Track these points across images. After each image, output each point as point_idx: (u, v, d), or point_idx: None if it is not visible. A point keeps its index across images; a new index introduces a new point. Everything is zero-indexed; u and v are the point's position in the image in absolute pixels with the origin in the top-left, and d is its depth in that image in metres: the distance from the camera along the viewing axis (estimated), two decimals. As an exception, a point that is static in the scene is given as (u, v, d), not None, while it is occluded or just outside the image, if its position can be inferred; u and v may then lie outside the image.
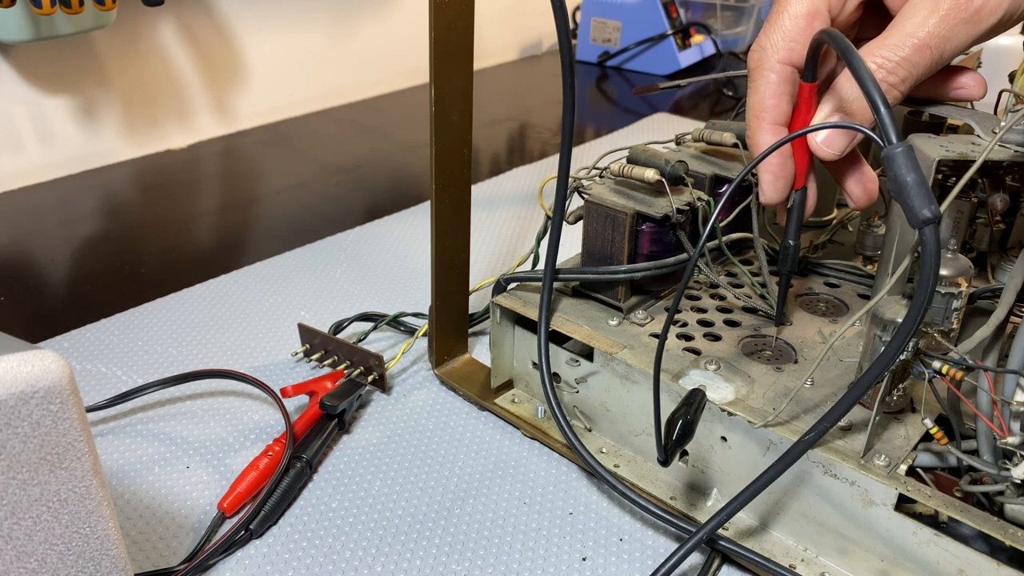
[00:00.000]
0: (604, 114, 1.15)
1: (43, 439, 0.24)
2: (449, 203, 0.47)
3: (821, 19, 0.38)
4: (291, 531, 0.41)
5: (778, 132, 0.39)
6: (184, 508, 0.43)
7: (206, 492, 0.44)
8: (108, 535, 0.27)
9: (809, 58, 0.37)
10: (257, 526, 0.41)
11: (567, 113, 0.41)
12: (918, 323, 0.29)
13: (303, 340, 0.55)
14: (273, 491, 0.42)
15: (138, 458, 0.46)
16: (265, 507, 0.41)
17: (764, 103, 0.39)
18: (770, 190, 0.41)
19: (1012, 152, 0.38)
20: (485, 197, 0.82)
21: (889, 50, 0.36)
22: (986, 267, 0.50)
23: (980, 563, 0.34)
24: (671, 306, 0.39)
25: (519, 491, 0.45)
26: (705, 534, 0.36)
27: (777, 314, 0.45)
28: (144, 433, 0.48)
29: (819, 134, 0.38)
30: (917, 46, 0.35)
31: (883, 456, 0.36)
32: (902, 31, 0.36)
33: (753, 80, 0.40)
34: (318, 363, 0.54)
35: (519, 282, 0.49)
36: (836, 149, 0.38)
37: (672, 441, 0.36)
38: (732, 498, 0.36)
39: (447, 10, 0.42)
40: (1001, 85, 0.49)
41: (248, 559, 0.40)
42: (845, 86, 0.38)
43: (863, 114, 0.37)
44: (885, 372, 0.32)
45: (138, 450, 0.47)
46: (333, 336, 0.54)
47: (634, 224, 0.46)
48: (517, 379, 0.51)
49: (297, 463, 0.44)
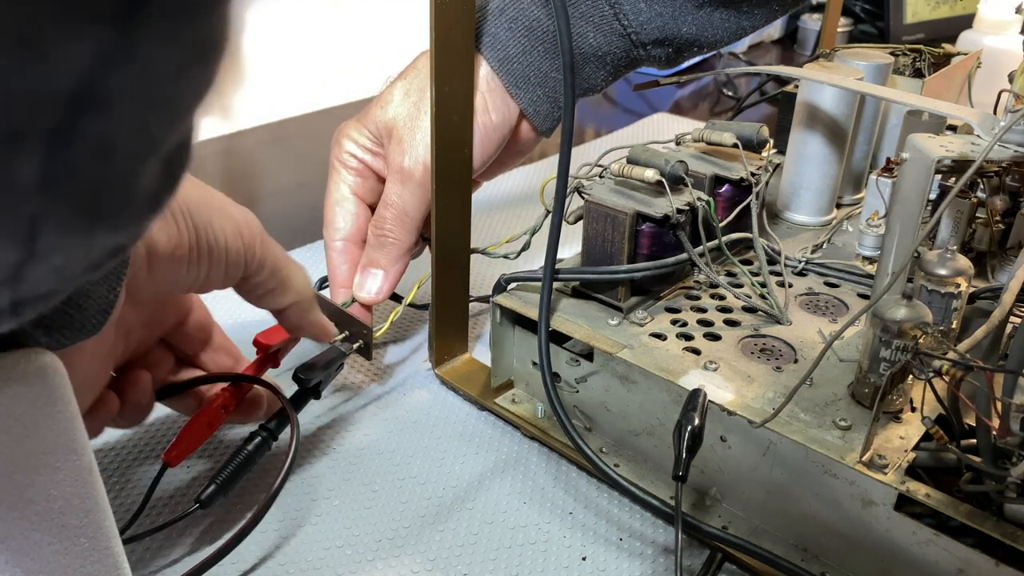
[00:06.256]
0: (604, 114, 1.15)
1: (38, 440, 0.24)
2: (449, 203, 0.47)
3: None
4: (290, 530, 0.41)
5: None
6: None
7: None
8: (106, 534, 0.27)
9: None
10: (207, 499, 0.39)
11: (567, 113, 0.41)
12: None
13: None
14: (229, 462, 0.41)
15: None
16: (218, 479, 0.40)
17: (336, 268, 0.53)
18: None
19: (1012, 152, 0.38)
20: (485, 197, 0.81)
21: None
22: (986, 267, 0.50)
23: (979, 563, 0.34)
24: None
25: (519, 490, 0.44)
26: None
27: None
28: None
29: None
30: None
31: (883, 456, 0.36)
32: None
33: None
34: None
35: (519, 282, 0.49)
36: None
37: (683, 452, 0.36)
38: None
39: (448, 11, 0.42)
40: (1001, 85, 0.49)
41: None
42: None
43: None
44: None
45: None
46: (317, 292, 0.51)
47: (634, 224, 0.46)
48: (517, 379, 0.51)
49: (259, 435, 0.42)
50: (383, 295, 0.52)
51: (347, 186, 0.53)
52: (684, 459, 0.36)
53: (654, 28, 0.52)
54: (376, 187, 0.53)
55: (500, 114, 0.51)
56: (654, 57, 0.54)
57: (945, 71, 0.65)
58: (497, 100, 0.51)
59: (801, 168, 0.58)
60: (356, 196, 0.53)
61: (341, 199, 0.53)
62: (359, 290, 0.52)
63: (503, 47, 0.51)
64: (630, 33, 0.52)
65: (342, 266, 0.52)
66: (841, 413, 0.39)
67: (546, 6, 0.50)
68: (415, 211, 0.50)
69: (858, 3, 1.38)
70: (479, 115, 0.50)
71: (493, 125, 0.51)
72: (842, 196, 0.63)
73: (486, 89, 0.51)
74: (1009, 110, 0.42)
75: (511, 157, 0.56)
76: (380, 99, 0.52)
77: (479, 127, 0.50)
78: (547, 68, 0.52)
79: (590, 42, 0.52)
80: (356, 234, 0.53)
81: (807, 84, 0.56)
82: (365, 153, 0.52)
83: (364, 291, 0.52)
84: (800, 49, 1.37)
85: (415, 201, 0.50)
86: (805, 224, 0.59)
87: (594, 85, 0.55)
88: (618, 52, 0.53)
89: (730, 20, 0.54)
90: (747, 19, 0.55)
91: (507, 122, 0.52)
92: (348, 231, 0.52)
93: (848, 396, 0.40)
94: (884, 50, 0.63)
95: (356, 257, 0.53)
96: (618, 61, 0.54)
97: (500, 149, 0.53)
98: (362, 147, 0.52)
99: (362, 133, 0.52)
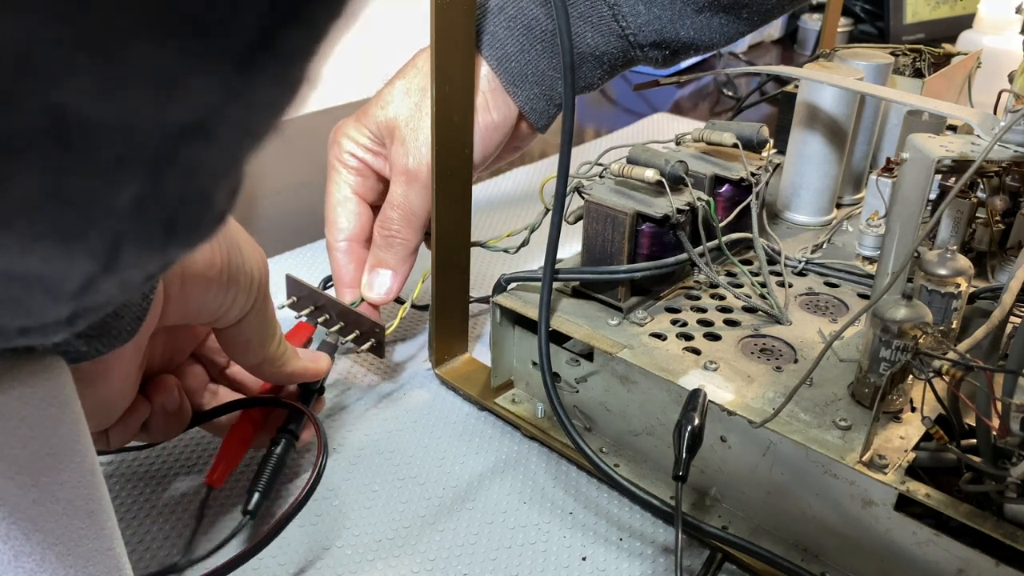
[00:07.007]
0: (604, 114, 1.15)
1: (43, 441, 0.24)
2: (450, 203, 0.47)
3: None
4: (290, 531, 0.41)
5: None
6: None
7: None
8: (108, 535, 0.27)
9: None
10: (255, 508, 0.40)
11: (567, 113, 0.41)
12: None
13: (290, 293, 0.52)
14: (263, 469, 0.41)
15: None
16: (259, 487, 0.40)
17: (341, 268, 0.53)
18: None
19: (1012, 152, 0.38)
20: (485, 196, 0.82)
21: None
22: (986, 267, 0.50)
23: (979, 563, 0.34)
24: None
25: (519, 490, 0.45)
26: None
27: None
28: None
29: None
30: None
31: (883, 456, 0.36)
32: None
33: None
34: (308, 318, 0.51)
35: (519, 282, 0.49)
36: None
37: (683, 452, 0.36)
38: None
39: (448, 10, 0.42)
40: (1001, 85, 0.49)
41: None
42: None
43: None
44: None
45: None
46: (322, 292, 0.51)
47: (634, 224, 0.46)
48: (517, 379, 0.51)
49: (283, 438, 0.42)
50: (392, 294, 0.52)
51: (348, 186, 0.53)
52: (684, 459, 0.36)
53: (652, 31, 0.52)
54: (376, 186, 0.53)
55: (501, 113, 0.52)
56: (651, 58, 0.55)
57: (945, 71, 0.65)
58: (498, 99, 0.51)
59: (801, 168, 0.58)
60: (357, 196, 0.53)
61: (343, 199, 0.53)
62: (368, 290, 0.52)
63: (501, 45, 0.51)
64: (628, 35, 0.52)
65: (347, 266, 0.53)
66: (841, 413, 0.39)
67: (545, 5, 0.50)
68: (421, 211, 0.50)
69: (858, 3, 1.38)
70: (480, 114, 0.50)
71: (495, 124, 0.51)
72: (842, 196, 0.63)
73: (487, 88, 0.51)
74: (1009, 110, 0.42)
75: (508, 153, 0.56)
76: (379, 98, 0.52)
77: (480, 126, 0.50)
78: (544, 67, 0.52)
79: (588, 42, 0.52)
80: (359, 234, 0.53)
81: (807, 84, 0.56)
82: (365, 153, 0.52)
83: (374, 291, 0.52)
84: (800, 49, 1.38)
85: (420, 201, 0.50)
86: (805, 224, 0.59)
87: (590, 84, 0.55)
88: (615, 52, 0.53)
89: (729, 25, 0.54)
90: (746, 24, 0.55)
91: (508, 121, 0.52)
92: (351, 231, 0.52)
93: (848, 396, 0.40)
94: (884, 50, 0.63)
95: (361, 257, 0.53)
96: (615, 61, 0.54)
97: (500, 147, 0.53)
98: (362, 147, 0.52)
99: (362, 132, 0.52)
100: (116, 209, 0.15)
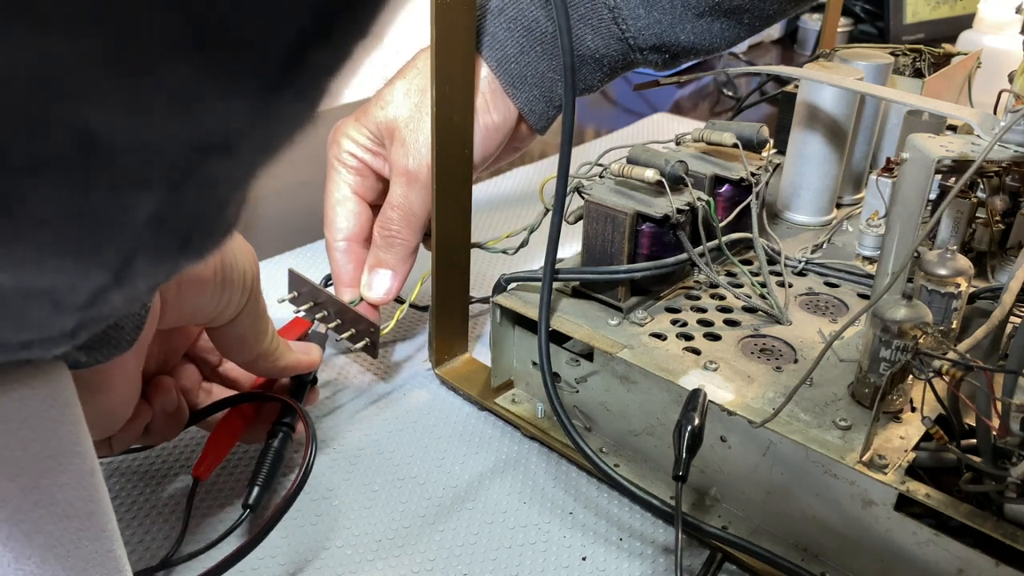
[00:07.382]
0: (604, 114, 1.15)
1: (44, 443, 0.24)
2: (449, 203, 0.47)
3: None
4: (290, 531, 0.41)
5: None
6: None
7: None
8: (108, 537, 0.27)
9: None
10: (255, 502, 0.40)
11: (567, 113, 0.41)
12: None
13: (291, 288, 0.53)
14: (262, 463, 0.41)
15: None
16: (259, 480, 0.40)
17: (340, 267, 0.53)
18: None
19: (1012, 152, 0.38)
20: (485, 196, 0.82)
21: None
22: (986, 267, 0.50)
23: (979, 563, 0.34)
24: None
25: (519, 490, 0.45)
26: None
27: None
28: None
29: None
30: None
31: (883, 456, 0.36)
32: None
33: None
34: (307, 313, 0.51)
35: (519, 282, 0.49)
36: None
37: (683, 452, 0.36)
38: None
39: (448, 11, 0.42)
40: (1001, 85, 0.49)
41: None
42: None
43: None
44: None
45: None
46: (323, 289, 0.52)
47: (634, 224, 0.46)
48: (517, 379, 0.51)
49: (280, 431, 0.42)
50: (392, 294, 0.52)
51: (347, 185, 0.53)
52: (684, 459, 0.36)
53: (652, 34, 0.52)
54: (376, 186, 0.53)
55: (501, 114, 0.52)
56: (650, 62, 0.55)
57: (945, 71, 0.65)
58: (498, 100, 0.51)
59: (801, 168, 0.58)
60: (357, 195, 0.53)
61: (342, 199, 0.53)
62: (368, 290, 0.52)
63: (501, 47, 0.51)
64: (628, 38, 0.52)
65: (347, 266, 0.53)
66: (841, 413, 0.39)
67: (545, 7, 0.50)
68: (421, 211, 0.50)
69: (858, 3, 1.38)
70: (481, 115, 0.50)
71: (495, 125, 0.51)
72: (842, 196, 0.63)
73: (487, 89, 0.51)
74: (1009, 110, 0.42)
75: (508, 154, 0.56)
76: (379, 98, 0.52)
77: (480, 127, 0.50)
78: (544, 68, 0.52)
79: (588, 44, 0.52)
80: (359, 233, 0.53)
81: (807, 84, 0.56)
82: (365, 152, 0.52)
83: (373, 291, 0.52)
84: (800, 49, 1.37)
85: (420, 201, 0.50)
86: (805, 224, 0.59)
87: (590, 86, 0.55)
88: (615, 55, 0.53)
89: (729, 30, 0.54)
90: (747, 29, 0.55)
91: (507, 122, 0.52)
92: (351, 231, 0.53)
93: (848, 396, 0.40)
94: (884, 50, 0.63)
95: (360, 256, 0.53)
96: (615, 64, 0.54)
97: (500, 148, 0.53)
98: (361, 146, 0.52)
99: (361, 132, 0.52)
100: (134, 224, 0.15)
